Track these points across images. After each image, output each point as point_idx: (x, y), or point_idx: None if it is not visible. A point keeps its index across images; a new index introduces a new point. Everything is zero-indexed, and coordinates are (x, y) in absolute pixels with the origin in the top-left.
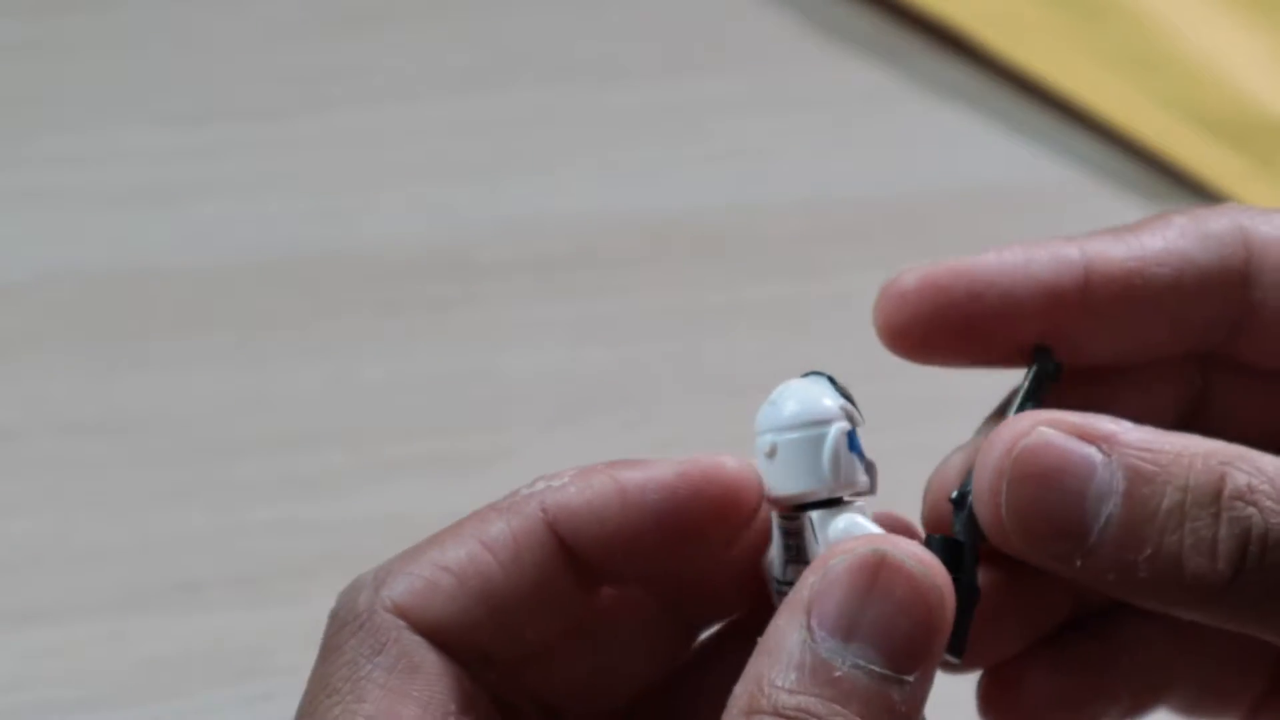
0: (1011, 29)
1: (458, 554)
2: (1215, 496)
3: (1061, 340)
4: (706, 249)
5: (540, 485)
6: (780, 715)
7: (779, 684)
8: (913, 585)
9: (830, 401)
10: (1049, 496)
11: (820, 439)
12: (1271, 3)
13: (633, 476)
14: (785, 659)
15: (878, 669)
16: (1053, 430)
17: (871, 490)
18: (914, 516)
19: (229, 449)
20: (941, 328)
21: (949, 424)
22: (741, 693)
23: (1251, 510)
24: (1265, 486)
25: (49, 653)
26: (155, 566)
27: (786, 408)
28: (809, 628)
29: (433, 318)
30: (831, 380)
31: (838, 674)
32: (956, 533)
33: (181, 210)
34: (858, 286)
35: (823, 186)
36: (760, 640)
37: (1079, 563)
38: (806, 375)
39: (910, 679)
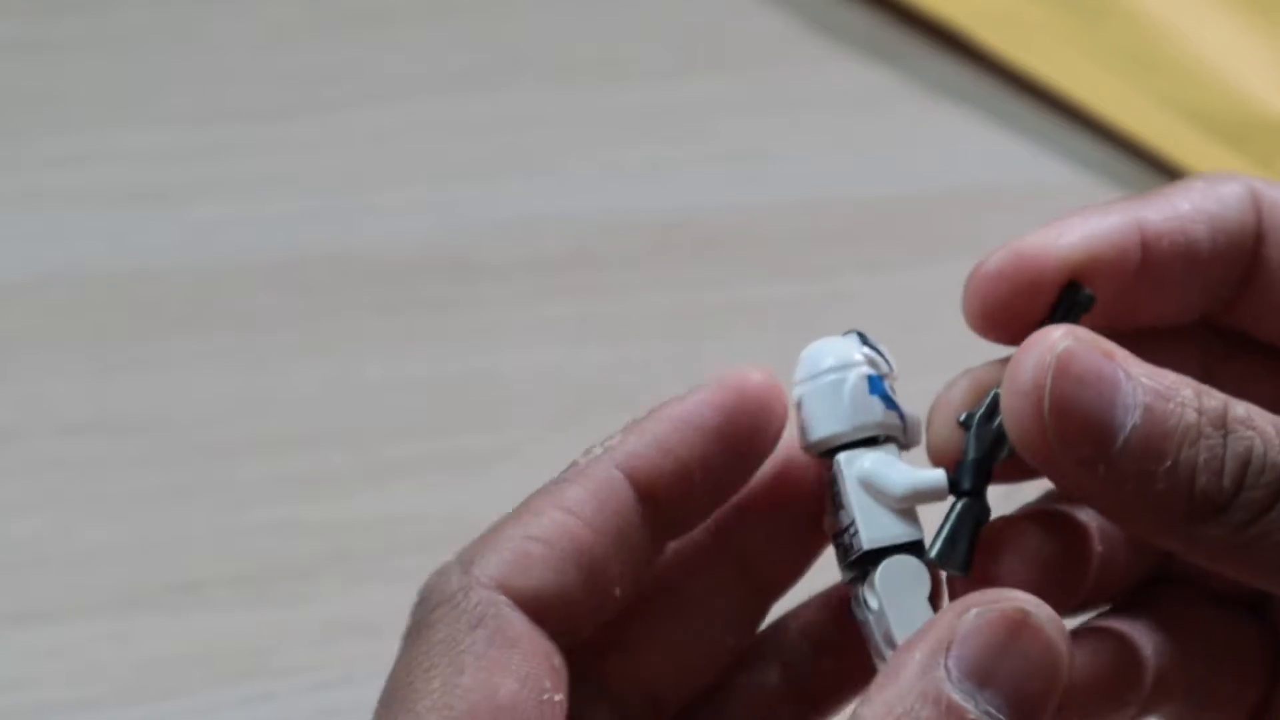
0: (1011, 29)
1: (541, 523)
2: (1223, 419)
3: (1118, 304)
4: (706, 249)
5: (597, 450)
6: None
7: (914, 714)
8: (1049, 649)
9: (851, 350)
10: (1086, 396)
11: (840, 383)
12: (1271, 3)
13: (682, 407)
14: (920, 693)
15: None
16: (1085, 342)
17: (906, 438)
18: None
19: (229, 449)
20: (1027, 308)
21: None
22: (866, 716)
23: (1252, 434)
24: (1259, 417)
25: (49, 653)
26: (155, 566)
27: (810, 360)
28: (946, 667)
29: (433, 318)
30: (861, 335)
31: (970, 717)
32: (966, 453)
33: (181, 210)
34: (858, 286)
35: (823, 186)
36: (886, 667)
37: (1102, 469)
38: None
39: None
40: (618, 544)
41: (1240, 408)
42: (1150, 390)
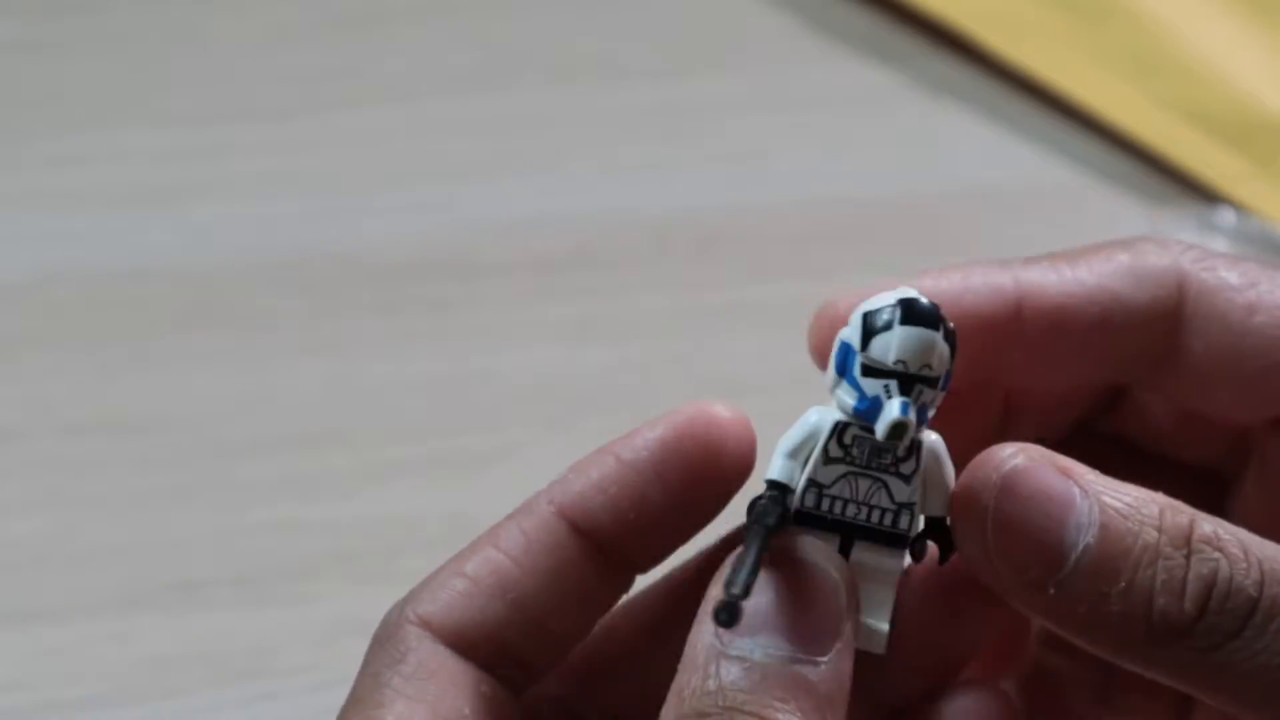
0: (1011, 29)
1: (472, 561)
2: (1187, 538)
3: (991, 365)
4: (706, 249)
5: (544, 487)
6: (705, 715)
7: (699, 687)
8: (806, 575)
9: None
10: (1033, 517)
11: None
12: (1271, 3)
13: (627, 444)
14: (701, 663)
15: (789, 654)
16: (1038, 459)
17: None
18: None
19: (229, 449)
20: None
21: (949, 423)
22: (667, 710)
23: (1218, 556)
24: (1229, 537)
25: (49, 653)
26: (156, 566)
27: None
28: (716, 633)
29: (433, 318)
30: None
31: (749, 665)
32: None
33: (181, 210)
34: (858, 287)
35: (823, 186)
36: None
37: (1052, 590)
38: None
39: (823, 660)
40: (551, 580)
41: (1208, 525)
42: (1108, 508)
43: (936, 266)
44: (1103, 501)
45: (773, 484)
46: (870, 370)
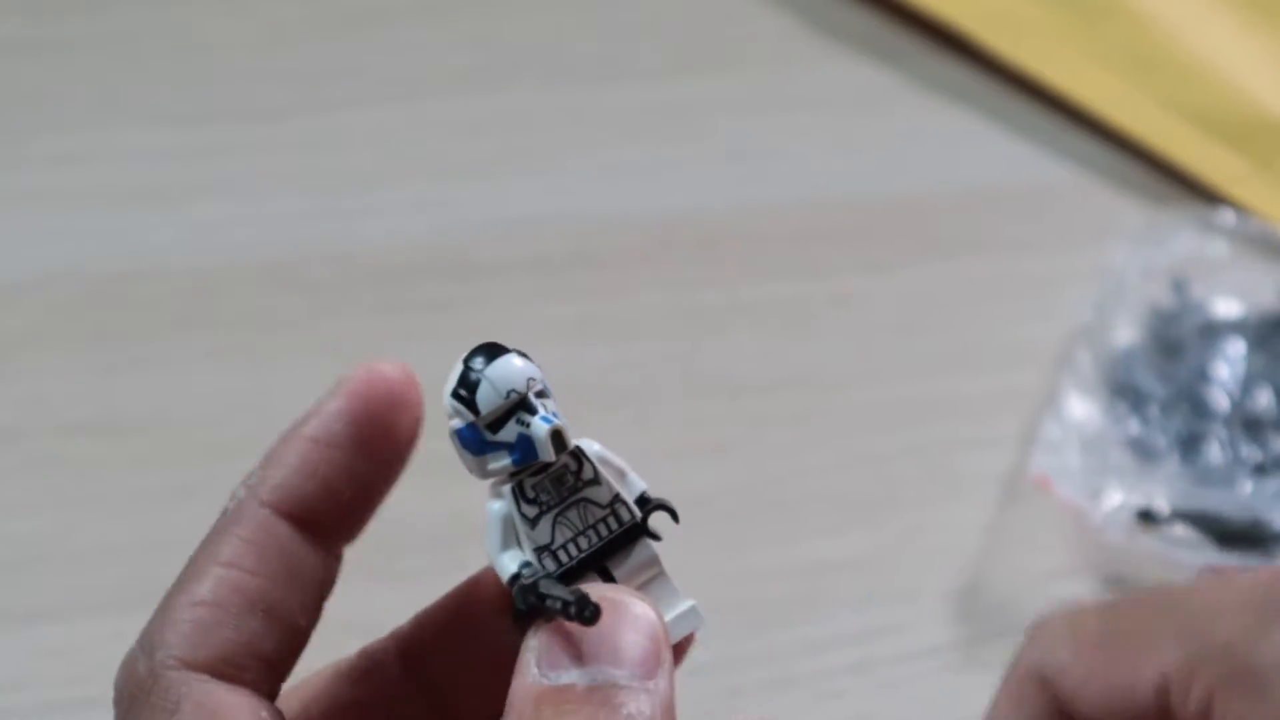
0: (1011, 29)
1: (205, 586)
2: None
3: None
4: (706, 249)
5: (241, 492)
6: None
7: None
8: (620, 610)
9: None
10: None
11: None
12: (1271, 3)
13: (317, 425)
14: (527, 702)
15: (619, 677)
16: None
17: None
18: (929, 518)
19: (229, 449)
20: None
21: (947, 424)
22: None
23: None
24: None
25: (50, 653)
26: (156, 566)
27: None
28: (543, 674)
29: (433, 317)
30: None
31: (581, 689)
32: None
33: (181, 210)
34: (858, 286)
35: (823, 186)
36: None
37: None
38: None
39: (653, 684)
40: (289, 579)
41: None
42: None
43: (937, 265)
44: None
45: (515, 576)
46: (495, 423)
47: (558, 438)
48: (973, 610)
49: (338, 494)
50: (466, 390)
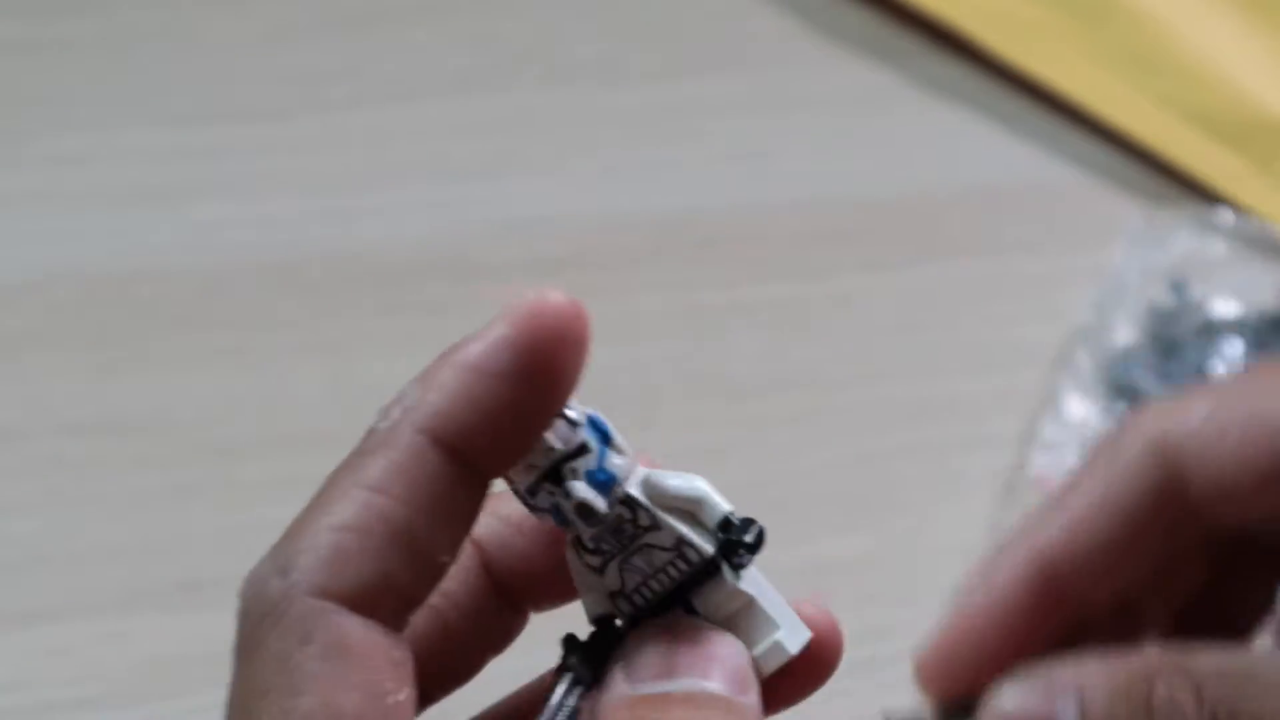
0: (1011, 29)
1: (350, 510)
2: (1146, 704)
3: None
4: (706, 249)
5: (395, 412)
6: None
7: None
8: (715, 639)
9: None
10: None
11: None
12: (1271, 3)
13: (479, 352)
14: (620, 710)
15: (713, 688)
16: (1022, 700)
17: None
18: (916, 517)
19: (230, 449)
20: (970, 680)
21: (947, 424)
22: None
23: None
24: (1183, 693)
25: (50, 653)
26: (156, 566)
27: None
28: (633, 686)
29: (433, 318)
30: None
31: (679, 694)
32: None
33: (181, 210)
34: (858, 286)
35: (823, 186)
36: None
37: None
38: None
39: (744, 700)
40: (433, 513)
41: (1162, 687)
42: (1086, 703)
43: (936, 265)
44: (1081, 700)
45: (599, 619)
46: (531, 490)
47: (584, 509)
48: None
49: (497, 426)
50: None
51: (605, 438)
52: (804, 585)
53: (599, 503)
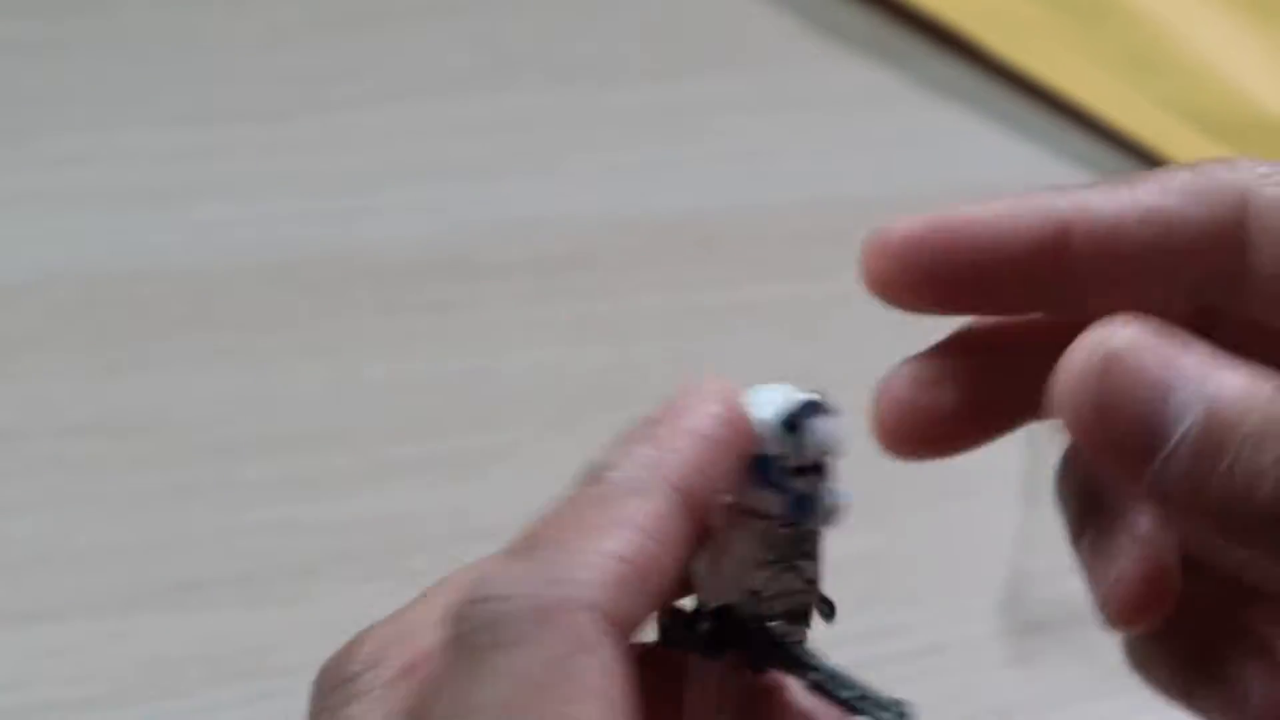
0: (1011, 29)
1: (627, 543)
2: None
3: (1046, 293)
4: (706, 249)
5: (629, 467)
6: None
7: None
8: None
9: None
10: (1133, 399)
11: None
12: (1271, 3)
13: (699, 423)
14: None
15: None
16: (1144, 336)
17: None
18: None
19: (229, 449)
20: (926, 281)
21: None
22: None
23: None
24: None
25: (49, 653)
26: (156, 566)
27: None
28: None
29: (433, 318)
30: (811, 403)
31: None
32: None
33: (181, 210)
34: (858, 287)
35: (823, 186)
36: None
37: (1153, 472)
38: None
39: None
40: (677, 567)
41: None
42: (1217, 388)
43: None
44: (1211, 381)
45: (722, 610)
46: (798, 470)
47: (834, 512)
48: (978, 609)
49: (717, 493)
50: (790, 425)
51: None
52: None
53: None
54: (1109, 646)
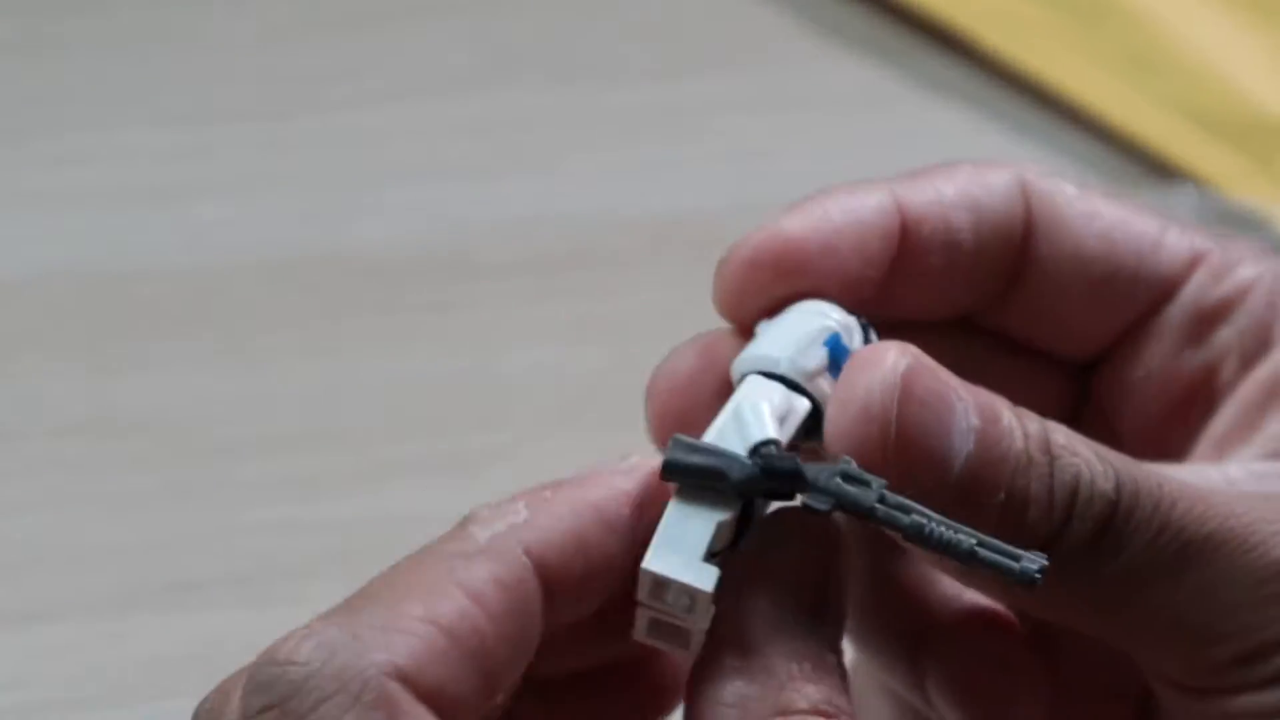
0: (1011, 29)
1: (447, 608)
2: (1047, 445)
3: (876, 294)
4: (706, 249)
5: (499, 525)
6: (818, 715)
7: (800, 675)
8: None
9: (835, 311)
10: (925, 422)
11: (804, 323)
12: (1271, 3)
13: (598, 496)
14: (792, 651)
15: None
16: (923, 360)
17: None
18: None
19: (228, 449)
20: (774, 298)
21: None
22: (749, 692)
23: (1077, 460)
24: (1078, 442)
25: (49, 653)
26: (155, 566)
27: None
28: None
29: (433, 318)
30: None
31: (830, 659)
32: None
33: (181, 210)
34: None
35: (823, 187)
36: (733, 627)
37: (936, 501)
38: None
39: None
40: (519, 640)
41: (1059, 433)
42: (977, 411)
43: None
44: (974, 404)
45: (777, 445)
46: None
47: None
48: None
49: (596, 575)
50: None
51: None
52: None
53: None
54: None
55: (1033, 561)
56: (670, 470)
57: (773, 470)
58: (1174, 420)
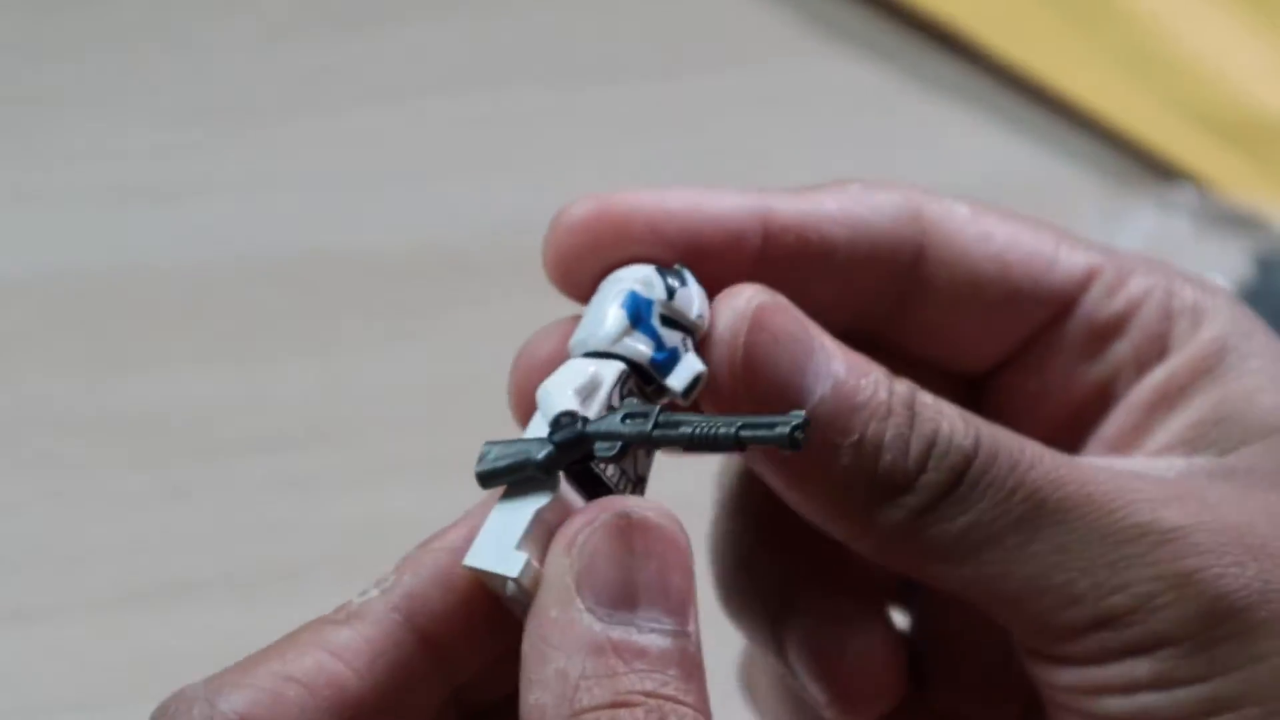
0: (1011, 29)
1: (302, 665)
2: (911, 401)
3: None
4: None
5: (373, 591)
6: (615, 707)
7: (589, 674)
8: (667, 538)
9: (642, 271)
10: (778, 355)
11: (607, 296)
12: (1271, 3)
13: (454, 536)
14: (581, 648)
15: (670, 627)
16: (781, 303)
17: (656, 371)
18: None
19: (228, 449)
20: (608, 264)
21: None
22: (544, 700)
23: (939, 417)
24: (945, 406)
25: (49, 652)
26: (154, 566)
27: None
28: (590, 610)
29: (433, 318)
30: (675, 271)
31: (641, 642)
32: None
33: (181, 210)
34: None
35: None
36: (531, 638)
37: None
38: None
39: (691, 629)
40: (390, 696)
41: (928, 396)
42: (843, 362)
43: None
44: (837, 355)
45: (572, 415)
46: (669, 322)
47: (696, 385)
48: None
49: (473, 616)
50: (670, 279)
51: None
52: None
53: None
54: None
55: (787, 423)
56: (484, 478)
57: (561, 440)
58: (1070, 430)
